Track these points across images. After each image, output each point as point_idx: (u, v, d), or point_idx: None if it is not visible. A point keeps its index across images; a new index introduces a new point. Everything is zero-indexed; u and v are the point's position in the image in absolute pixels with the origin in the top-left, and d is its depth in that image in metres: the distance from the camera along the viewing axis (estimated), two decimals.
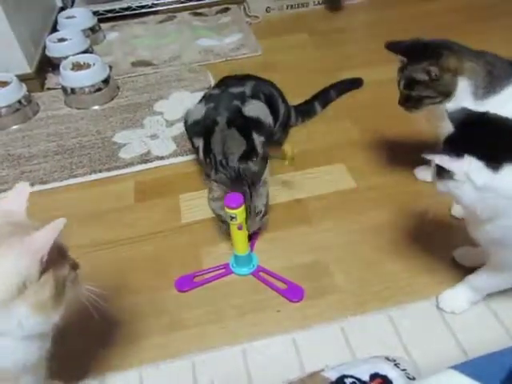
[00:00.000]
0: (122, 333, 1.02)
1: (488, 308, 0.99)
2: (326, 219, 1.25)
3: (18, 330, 0.64)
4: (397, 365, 0.78)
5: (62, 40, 2.00)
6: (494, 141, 0.77)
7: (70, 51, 1.93)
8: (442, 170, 0.78)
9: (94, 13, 2.29)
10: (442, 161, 0.76)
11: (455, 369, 0.67)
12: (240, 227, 1.05)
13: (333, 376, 0.75)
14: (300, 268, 1.12)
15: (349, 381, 0.74)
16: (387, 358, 0.80)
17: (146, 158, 1.51)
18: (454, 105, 1.03)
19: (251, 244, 1.17)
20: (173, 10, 2.45)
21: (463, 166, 0.75)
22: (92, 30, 2.20)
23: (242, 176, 1.12)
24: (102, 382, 0.94)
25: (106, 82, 1.80)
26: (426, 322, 0.99)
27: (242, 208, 1.02)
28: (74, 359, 0.97)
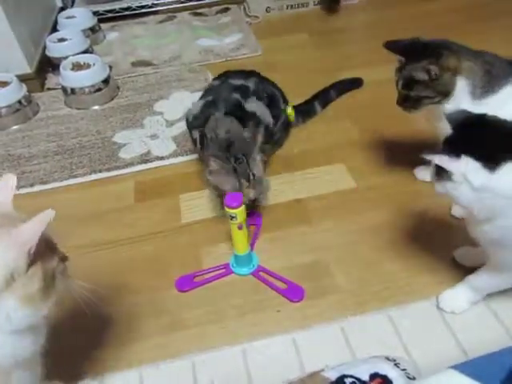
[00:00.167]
0: (122, 333, 1.02)
1: (488, 308, 0.99)
2: (325, 219, 1.25)
3: (7, 323, 0.63)
4: (397, 365, 0.78)
5: (62, 40, 2.00)
6: (491, 142, 0.78)
7: (70, 51, 1.93)
8: (441, 171, 0.78)
9: (94, 13, 2.29)
10: (441, 161, 0.77)
11: (455, 369, 0.67)
12: (240, 227, 1.05)
13: (333, 376, 0.75)
14: (300, 268, 1.12)
15: (349, 381, 0.74)
16: (387, 358, 0.80)
17: (146, 158, 1.51)
18: (452, 105, 1.03)
19: (251, 244, 1.17)
20: (173, 10, 2.45)
21: (461, 167, 0.75)
22: (92, 30, 2.21)
23: (235, 146, 1.12)
24: (101, 381, 0.94)
25: (106, 82, 1.80)
26: (426, 322, 0.99)
27: (242, 208, 1.02)
28: (73, 359, 0.98)
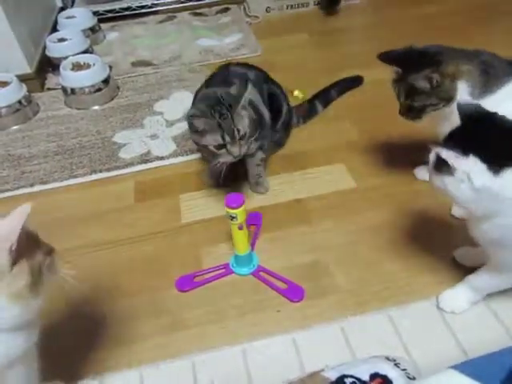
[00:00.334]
0: (123, 333, 1.02)
1: (488, 308, 0.99)
2: (325, 219, 1.25)
3: None
4: (397, 365, 0.78)
5: (62, 40, 2.00)
6: (498, 143, 0.76)
7: (70, 51, 1.93)
8: (442, 165, 0.77)
9: (94, 13, 2.29)
10: (448, 156, 0.74)
11: (455, 369, 0.67)
12: (240, 227, 1.05)
13: (333, 376, 0.75)
14: (300, 268, 1.12)
15: (349, 381, 0.74)
16: (387, 358, 0.80)
17: (146, 158, 1.51)
18: (451, 108, 1.03)
19: (252, 244, 1.17)
20: (173, 10, 2.45)
21: (467, 166, 0.74)
22: (92, 30, 2.21)
23: (221, 101, 1.09)
24: (101, 381, 0.94)
25: (106, 82, 1.80)
26: (426, 322, 0.99)
27: (242, 208, 1.02)
28: (73, 359, 0.98)
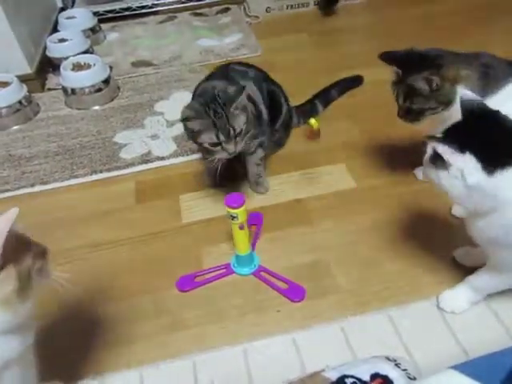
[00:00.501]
0: (123, 332, 1.02)
1: (488, 308, 0.99)
2: (326, 219, 1.25)
3: None
4: (397, 365, 0.78)
5: (62, 40, 2.00)
6: (495, 143, 0.76)
7: (71, 51, 1.93)
8: (438, 159, 0.77)
9: (95, 13, 2.30)
10: (444, 152, 0.74)
11: (455, 369, 0.67)
12: (241, 227, 1.05)
13: (333, 376, 0.75)
14: (300, 268, 1.13)
15: (349, 381, 0.74)
16: (388, 358, 0.80)
17: (146, 158, 1.51)
18: (451, 112, 1.03)
19: (252, 244, 1.17)
20: (173, 10, 2.45)
21: (462, 162, 0.74)
22: (92, 30, 2.21)
23: (216, 98, 1.10)
24: (101, 381, 0.94)
25: (106, 82, 1.80)
26: (427, 322, 0.99)
27: (243, 208, 1.02)
28: (73, 359, 0.98)
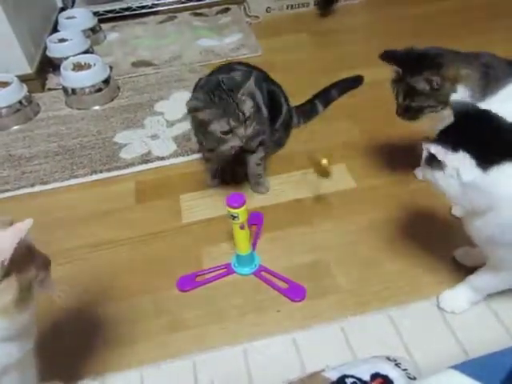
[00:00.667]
0: (123, 333, 1.03)
1: (488, 308, 0.99)
2: (326, 219, 1.25)
3: None
4: (398, 365, 0.78)
5: (62, 40, 2.00)
6: (488, 140, 0.78)
7: (71, 51, 1.93)
8: (433, 159, 0.78)
9: (95, 13, 2.30)
10: (438, 151, 0.76)
11: (455, 369, 0.67)
12: (242, 227, 1.05)
13: (333, 376, 0.75)
14: (300, 268, 1.12)
15: (349, 381, 0.74)
16: (388, 358, 0.80)
17: (146, 158, 1.51)
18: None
19: (253, 243, 1.17)
20: (173, 10, 2.45)
21: (457, 161, 0.75)
22: (92, 30, 2.21)
23: (220, 85, 1.11)
24: (102, 382, 0.94)
25: (106, 82, 1.81)
26: (427, 322, 0.99)
27: (243, 207, 1.02)
28: (74, 359, 0.98)
